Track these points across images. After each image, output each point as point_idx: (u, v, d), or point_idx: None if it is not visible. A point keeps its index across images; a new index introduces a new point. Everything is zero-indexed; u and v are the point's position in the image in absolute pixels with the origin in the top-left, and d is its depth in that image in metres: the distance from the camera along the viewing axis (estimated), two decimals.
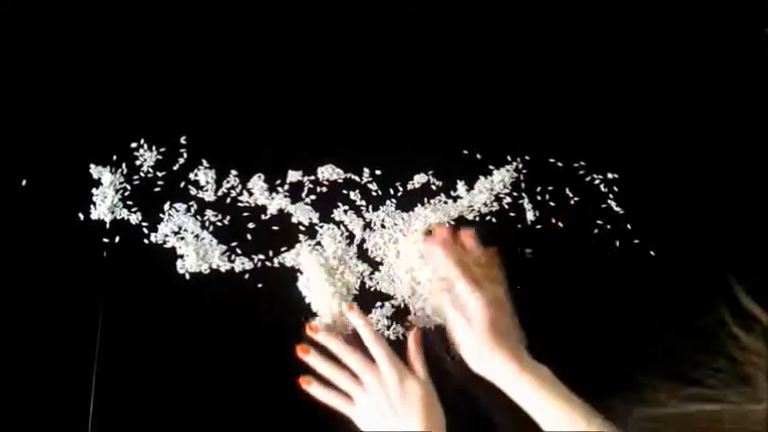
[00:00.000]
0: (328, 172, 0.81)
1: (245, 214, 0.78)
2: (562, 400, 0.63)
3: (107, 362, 0.71)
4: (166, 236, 0.77)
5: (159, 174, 0.79)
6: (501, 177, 0.82)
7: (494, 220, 0.80)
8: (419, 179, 0.81)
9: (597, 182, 0.82)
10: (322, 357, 0.70)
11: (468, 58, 0.88)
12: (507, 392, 0.65)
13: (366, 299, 0.76)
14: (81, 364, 0.70)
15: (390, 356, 0.68)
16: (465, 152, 0.83)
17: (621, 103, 0.87)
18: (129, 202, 0.78)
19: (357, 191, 0.80)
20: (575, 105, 0.86)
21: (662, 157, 0.84)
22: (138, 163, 0.79)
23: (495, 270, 0.73)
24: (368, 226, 0.79)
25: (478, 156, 0.83)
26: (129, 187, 0.78)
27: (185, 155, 0.80)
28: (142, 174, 0.79)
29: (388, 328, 0.74)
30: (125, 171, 0.79)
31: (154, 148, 0.80)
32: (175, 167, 0.80)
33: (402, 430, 0.65)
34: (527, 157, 0.83)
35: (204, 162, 0.80)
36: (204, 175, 0.79)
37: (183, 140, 0.80)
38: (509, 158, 0.83)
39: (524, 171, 0.82)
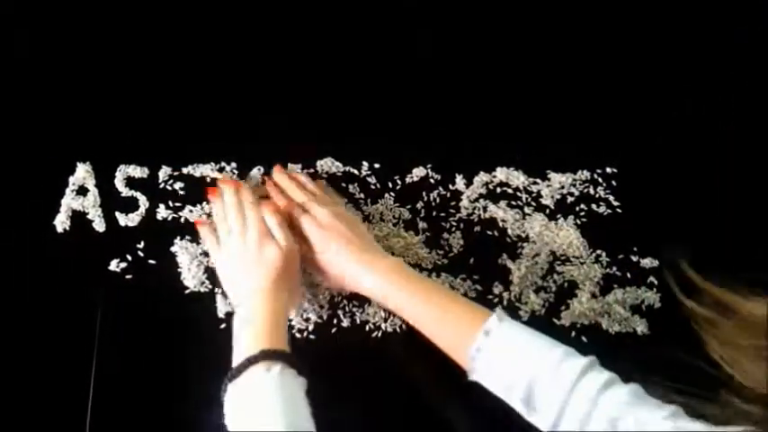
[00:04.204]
0: (327, 165, 0.81)
1: None
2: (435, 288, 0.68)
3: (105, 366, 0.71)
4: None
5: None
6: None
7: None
8: (418, 173, 0.82)
9: (596, 176, 0.83)
10: (221, 201, 0.74)
11: (468, 50, 0.88)
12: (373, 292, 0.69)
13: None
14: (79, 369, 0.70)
15: (259, 220, 0.71)
16: (464, 146, 0.83)
17: (620, 98, 0.87)
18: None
19: (356, 184, 0.81)
20: (572, 100, 0.86)
21: (661, 153, 0.84)
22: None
23: (330, 194, 0.78)
24: (366, 219, 0.79)
25: (478, 149, 0.84)
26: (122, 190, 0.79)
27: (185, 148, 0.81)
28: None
29: (385, 320, 0.75)
30: (122, 171, 0.79)
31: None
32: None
33: (248, 285, 0.67)
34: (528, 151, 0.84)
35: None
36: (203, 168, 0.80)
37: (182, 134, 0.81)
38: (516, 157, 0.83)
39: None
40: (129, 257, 0.75)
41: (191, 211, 0.78)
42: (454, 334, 0.65)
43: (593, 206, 0.81)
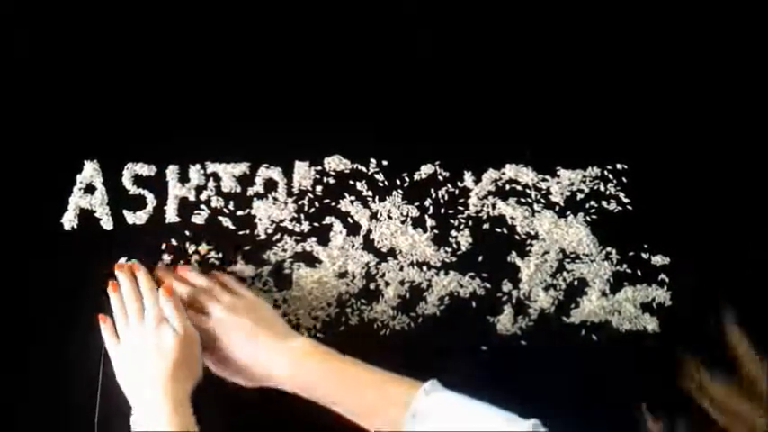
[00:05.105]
0: (335, 162, 0.81)
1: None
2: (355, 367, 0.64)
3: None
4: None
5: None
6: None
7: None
8: (426, 170, 0.81)
9: (606, 173, 0.82)
10: (119, 293, 0.70)
11: (476, 46, 0.87)
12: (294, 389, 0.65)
13: (370, 289, 0.76)
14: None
15: (154, 305, 0.68)
16: (472, 143, 0.83)
17: (631, 93, 0.86)
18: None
19: (363, 181, 0.81)
20: (582, 96, 0.85)
21: (673, 149, 0.84)
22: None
23: (230, 284, 0.73)
24: (374, 217, 0.79)
25: (487, 146, 0.83)
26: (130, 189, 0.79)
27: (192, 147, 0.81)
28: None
29: (393, 318, 0.74)
30: (130, 169, 0.79)
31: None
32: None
33: (148, 374, 0.64)
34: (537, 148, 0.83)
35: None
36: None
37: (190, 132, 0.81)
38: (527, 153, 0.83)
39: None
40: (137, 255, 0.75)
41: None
42: (379, 413, 0.61)
43: (603, 203, 0.81)
